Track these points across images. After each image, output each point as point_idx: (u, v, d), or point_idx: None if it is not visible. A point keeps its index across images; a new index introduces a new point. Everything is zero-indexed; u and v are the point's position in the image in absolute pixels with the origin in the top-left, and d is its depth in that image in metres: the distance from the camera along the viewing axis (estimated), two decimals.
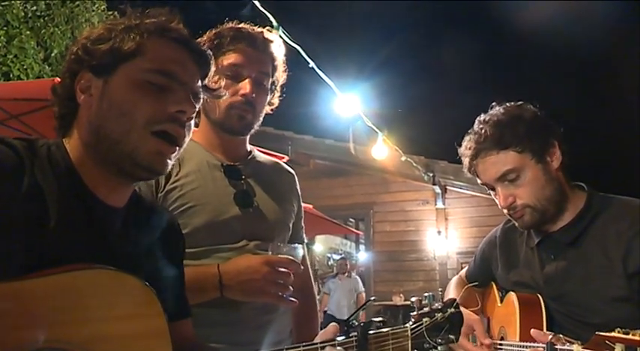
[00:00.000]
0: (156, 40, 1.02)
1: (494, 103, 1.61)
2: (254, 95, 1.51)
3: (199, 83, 1.07)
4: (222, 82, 1.47)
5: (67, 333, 0.81)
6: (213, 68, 1.12)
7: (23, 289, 0.79)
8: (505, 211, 1.55)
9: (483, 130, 1.53)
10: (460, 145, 1.62)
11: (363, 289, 9.02)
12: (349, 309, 8.72)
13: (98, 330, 0.85)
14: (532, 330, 1.32)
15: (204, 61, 1.09)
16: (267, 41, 1.57)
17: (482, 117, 1.59)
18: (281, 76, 1.63)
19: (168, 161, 1.01)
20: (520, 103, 1.58)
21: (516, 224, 1.58)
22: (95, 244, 0.95)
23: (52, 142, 1.01)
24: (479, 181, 1.60)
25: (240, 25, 1.56)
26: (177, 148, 1.01)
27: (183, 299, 1.18)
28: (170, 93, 1.00)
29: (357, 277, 9.26)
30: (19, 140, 0.95)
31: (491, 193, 1.59)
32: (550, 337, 1.21)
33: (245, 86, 1.49)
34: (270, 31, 1.62)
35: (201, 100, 1.09)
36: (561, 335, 1.21)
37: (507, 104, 1.59)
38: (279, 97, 1.65)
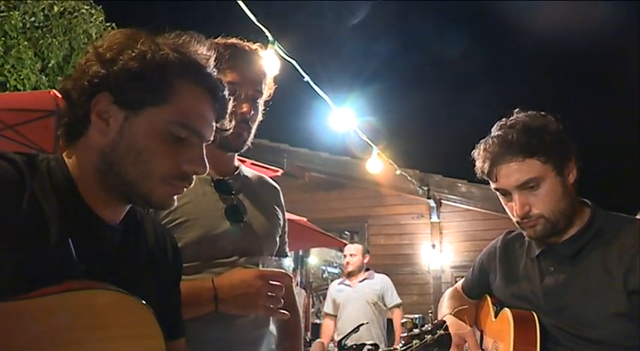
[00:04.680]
0: (187, 88, 1.00)
1: (517, 109, 1.60)
2: (250, 115, 1.54)
3: (214, 130, 1.07)
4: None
5: None
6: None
7: (20, 309, 0.79)
8: (516, 219, 1.54)
9: (510, 135, 1.51)
10: (476, 147, 1.60)
11: (398, 299, 5.47)
12: (376, 334, 5.22)
13: (96, 350, 0.85)
14: None
15: (224, 110, 1.08)
16: (262, 59, 1.61)
17: (505, 121, 1.58)
18: (269, 90, 1.65)
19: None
20: (543, 113, 1.58)
21: (525, 233, 1.58)
22: (94, 261, 0.95)
23: (51, 157, 0.99)
24: (492, 185, 1.58)
25: (235, 41, 1.58)
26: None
27: (179, 318, 1.18)
28: (187, 148, 1.00)
29: (385, 277, 5.58)
30: (19, 155, 0.94)
31: (502, 199, 1.58)
32: None
33: (245, 106, 1.52)
34: (264, 46, 1.65)
35: None
36: None
37: (531, 112, 1.58)
38: (273, 109, 1.68)
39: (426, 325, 1.49)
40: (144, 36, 0.99)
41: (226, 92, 1.08)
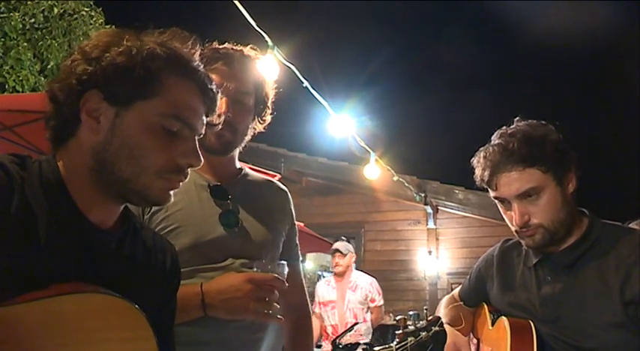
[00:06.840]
0: (176, 80, 1.00)
1: (517, 118, 1.60)
2: (230, 114, 1.50)
3: (204, 123, 1.06)
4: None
5: None
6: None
7: (10, 314, 0.78)
8: (515, 228, 1.54)
9: (510, 144, 1.51)
10: (476, 155, 1.60)
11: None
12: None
13: None
14: None
15: (213, 103, 1.08)
16: (247, 59, 1.57)
17: (505, 130, 1.57)
18: (269, 92, 1.63)
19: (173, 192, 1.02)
20: (544, 122, 1.58)
21: (523, 242, 1.57)
22: (85, 264, 0.94)
23: (43, 158, 0.98)
24: (491, 194, 1.57)
25: (220, 45, 1.56)
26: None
27: (170, 335, 1.14)
28: (180, 141, 0.99)
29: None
30: (9, 156, 0.93)
31: (501, 207, 1.57)
32: None
33: (220, 105, 1.50)
34: (263, 51, 1.63)
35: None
36: None
37: (531, 121, 1.58)
38: (271, 114, 1.66)
39: (421, 322, 1.48)
40: (129, 34, 0.99)
41: (214, 86, 1.07)
